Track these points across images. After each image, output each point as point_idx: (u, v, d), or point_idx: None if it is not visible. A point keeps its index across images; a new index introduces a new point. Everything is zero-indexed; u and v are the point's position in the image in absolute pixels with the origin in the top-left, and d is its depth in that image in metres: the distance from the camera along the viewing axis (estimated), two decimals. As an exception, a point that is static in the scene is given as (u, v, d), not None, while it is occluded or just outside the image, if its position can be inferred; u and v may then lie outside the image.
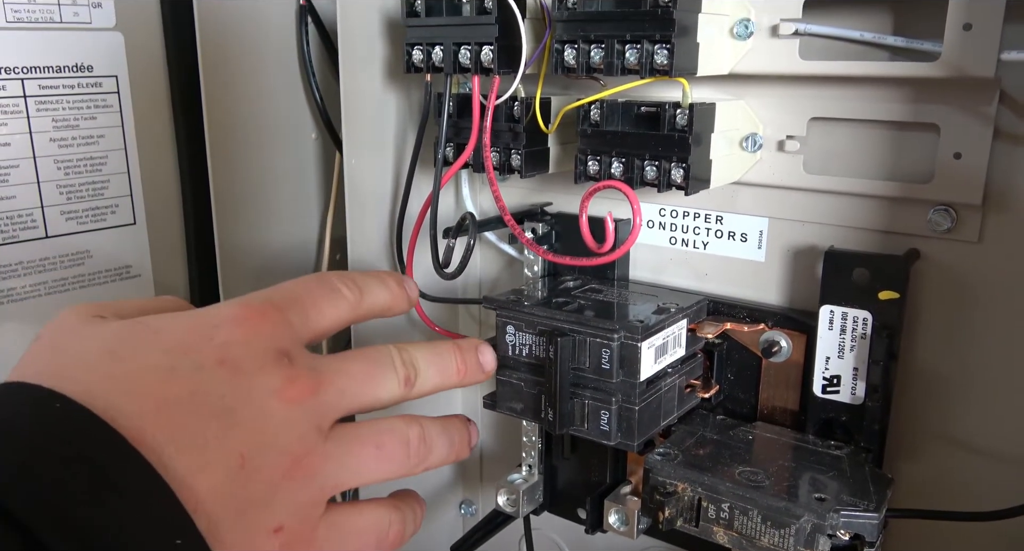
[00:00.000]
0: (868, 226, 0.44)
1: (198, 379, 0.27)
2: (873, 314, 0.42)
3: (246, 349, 0.28)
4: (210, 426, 0.26)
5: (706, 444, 0.45)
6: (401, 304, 0.38)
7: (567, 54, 0.41)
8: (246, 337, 0.28)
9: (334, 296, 0.33)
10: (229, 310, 0.29)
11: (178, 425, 0.25)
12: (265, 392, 0.27)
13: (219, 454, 0.26)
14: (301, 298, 0.32)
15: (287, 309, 0.30)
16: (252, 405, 0.27)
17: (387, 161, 0.54)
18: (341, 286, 0.34)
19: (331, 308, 0.33)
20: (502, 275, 0.60)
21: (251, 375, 0.27)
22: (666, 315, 0.44)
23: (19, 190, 0.48)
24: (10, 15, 0.46)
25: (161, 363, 0.27)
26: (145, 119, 0.53)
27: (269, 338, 0.29)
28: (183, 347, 0.27)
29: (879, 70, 0.41)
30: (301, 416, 0.28)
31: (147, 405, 0.25)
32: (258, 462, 0.27)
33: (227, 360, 0.27)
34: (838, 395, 0.44)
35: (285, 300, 0.31)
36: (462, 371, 0.37)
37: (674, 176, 0.42)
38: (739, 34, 0.43)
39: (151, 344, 0.27)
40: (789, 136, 0.45)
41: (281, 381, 0.28)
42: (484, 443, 0.65)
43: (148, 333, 0.28)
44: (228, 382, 0.27)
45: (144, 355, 0.27)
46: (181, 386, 0.26)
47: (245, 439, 0.27)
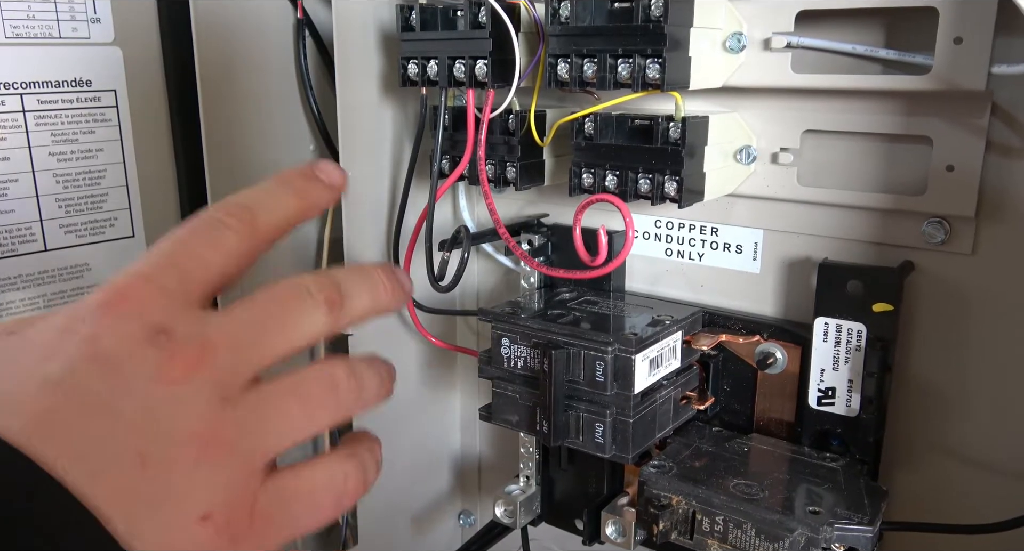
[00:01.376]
0: (862, 238, 0.44)
1: (71, 382, 0.25)
2: (867, 326, 0.42)
3: (114, 337, 0.25)
4: (95, 428, 0.24)
5: (701, 456, 0.45)
6: (319, 197, 0.32)
7: (560, 68, 0.42)
8: (112, 324, 0.25)
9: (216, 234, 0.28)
10: (95, 298, 0.26)
11: (62, 435, 0.24)
12: (144, 379, 0.25)
13: (113, 456, 0.24)
14: (172, 253, 0.27)
15: (155, 276, 0.27)
16: (134, 396, 0.25)
17: (383, 173, 0.54)
18: (224, 217, 0.29)
19: (212, 249, 0.28)
20: (499, 286, 0.60)
21: (123, 365, 0.25)
22: (661, 327, 0.44)
23: (18, 204, 0.48)
24: (9, 31, 0.47)
25: (34, 373, 0.25)
26: (143, 133, 0.53)
27: (137, 317, 0.26)
28: (53, 351, 0.25)
29: (871, 83, 0.41)
30: (193, 393, 0.26)
31: (28, 420, 0.24)
32: (159, 455, 0.25)
33: (97, 355, 0.25)
34: (833, 407, 0.44)
35: (155, 267, 0.27)
36: (388, 290, 0.31)
37: (667, 189, 0.42)
38: (731, 47, 0.43)
39: (25, 354, 0.25)
40: (783, 148, 0.45)
41: (157, 363, 0.25)
42: (482, 454, 0.65)
43: (22, 344, 0.26)
44: (102, 378, 0.25)
45: (18, 367, 0.25)
46: (56, 393, 0.24)
47: (137, 434, 0.25)
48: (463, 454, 0.65)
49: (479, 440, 0.65)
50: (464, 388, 0.64)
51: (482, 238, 0.52)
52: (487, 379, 0.47)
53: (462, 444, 0.65)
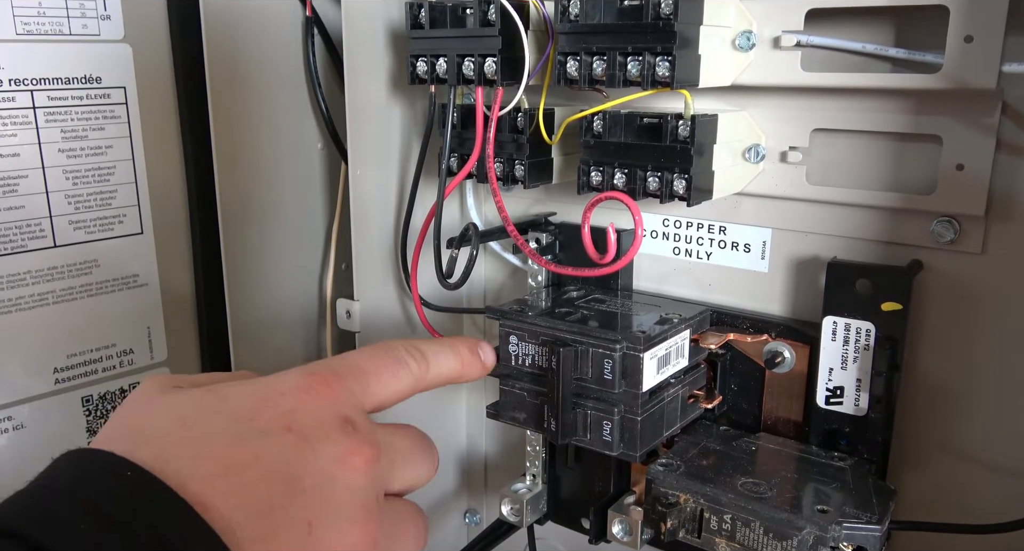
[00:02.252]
0: (871, 237, 0.44)
1: (264, 445, 0.27)
2: (876, 325, 0.42)
3: (311, 417, 0.29)
4: (276, 492, 0.26)
5: (709, 455, 0.45)
6: (473, 372, 0.38)
7: (569, 66, 0.42)
8: (311, 405, 0.29)
9: (398, 367, 0.34)
10: (294, 379, 0.30)
11: (244, 490, 0.26)
12: (330, 459, 0.28)
13: (285, 521, 0.26)
14: (364, 369, 0.32)
15: (348, 378, 0.31)
16: (317, 472, 0.28)
17: (392, 171, 0.54)
18: (407, 357, 0.35)
19: (394, 380, 0.33)
20: (506, 284, 0.60)
21: (316, 442, 0.28)
22: (669, 325, 0.44)
23: (28, 200, 0.48)
24: (20, 27, 0.47)
25: (229, 429, 0.27)
26: (153, 130, 0.53)
27: (332, 406, 0.30)
28: (250, 414, 0.28)
29: (881, 82, 0.41)
30: (365, 484, 0.29)
31: (215, 469, 0.26)
32: (325, 530, 0.27)
33: (293, 427, 0.28)
34: (841, 406, 0.44)
35: (348, 369, 0.32)
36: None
37: (676, 187, 0.42)
38: (741, 46, 0.43)
39: (219, 411, 0.28)
40: (792, 147, 0.45)
41: (345, 449, 0.29)
42: (488, 452, 0.65)
43: (217, 400, 0.29)
44: (293, 449, 0.27)
45: (212, 422, 0.28)
46: (247, 451, 0.27)
47: (311, 506, 0.27)
48: (469, 452, 0.65)
49: (485, 438, 0.65)
50: (470, 386, 0.64)
51: (490, 236, 0.52)
52: (494, 377, 0.47)
53: (468, 442, 0.65)
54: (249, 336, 0.58)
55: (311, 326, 0.62)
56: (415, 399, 0.59)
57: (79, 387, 0.53)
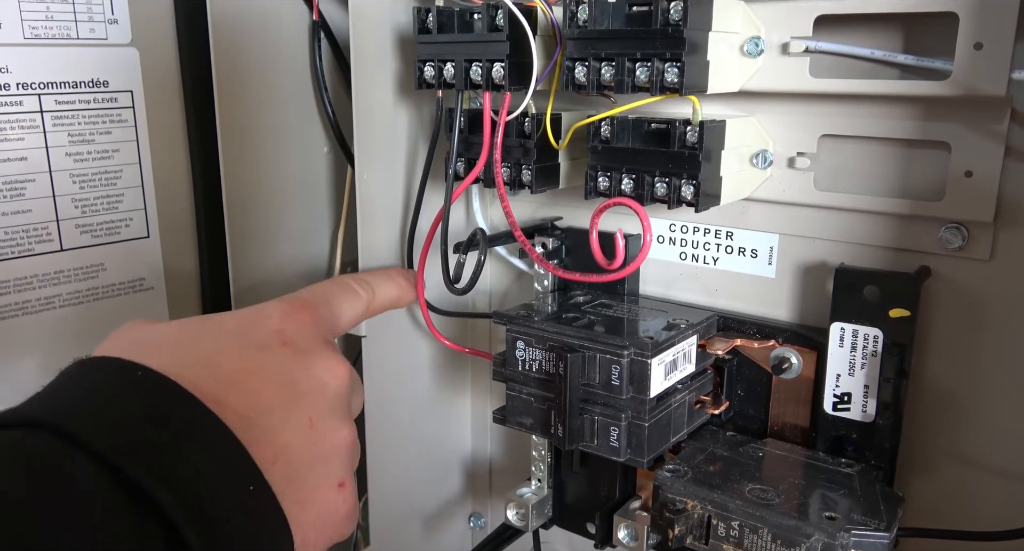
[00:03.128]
0: (879, 243, 0.44)
1: (266, 356, 0.32)
2: (884, 332, 0.42)
3: (301, 334, 0.34)
4: (280, 394, 0.31)
5: (716, 461, 0.45)
6: (408, 296, 0.45)
7: (578, 71, 0.42)
8: (298, 325, 0.34)
9: (351, 296, 0.40)
10: (277, 305, 0.35)
11: (254, 392, 0.30)
12: (322, 369, 0.33)
13: (292, 416, 0.31)
14: (327, 298, 0.38)
15: (320, 306, 0.36)
16: (312, 378, 0.32)
17: (398, 175, 0.54)
18: (357, 287, 0.41)
19: (349, 308, 0.39)
20: (512, 288, 0.60)
21: (309, 354, 0.33)
22: (676, 331, 0.44)
23: (35, 204, 0.49)
24: (28, 31, 0.47)
25: (232, 343, 0.32)
26: (159, 134, 0.53)
27: (315, 327, 0.35)
28: (246, 331, 0.33)
29: (890, 88, 0.41)
30: (346, 391, 0.34)
31: (224, 377, 0.29)
32: (322, 425, 0.32)
33: (288, 342, 0.33)
34: (849, 413, 0.44)
35: (317, 299, 0.37)
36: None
37: (684, 193, 0.42)
38: (749, 52, 0.43)
39: (218, 331, 0.33)
40: (799, 153, 0.45)
41: (333, 362, 0.33)
42: (493, 456, 0.65)
43: (213, 323, 0.33)
44: (291, 359, 0.32)
45: (213, 339, 0.32)
46: (252, 361, 0.31)
47: (310, 405, 0.32)
48: (474, 456, 0.65)
49: (490, 442, 0.65)
50: (476, 390, 0.64)
51: (497, 240, 0.52)
52: (501, 382, 0.47)
53: (473, 446, 0.65)
54: (255, 340, 0.58)
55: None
56: (420, 403, 0.60)
57: (85, 391, 0.53)
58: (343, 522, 0.33)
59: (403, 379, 0.58)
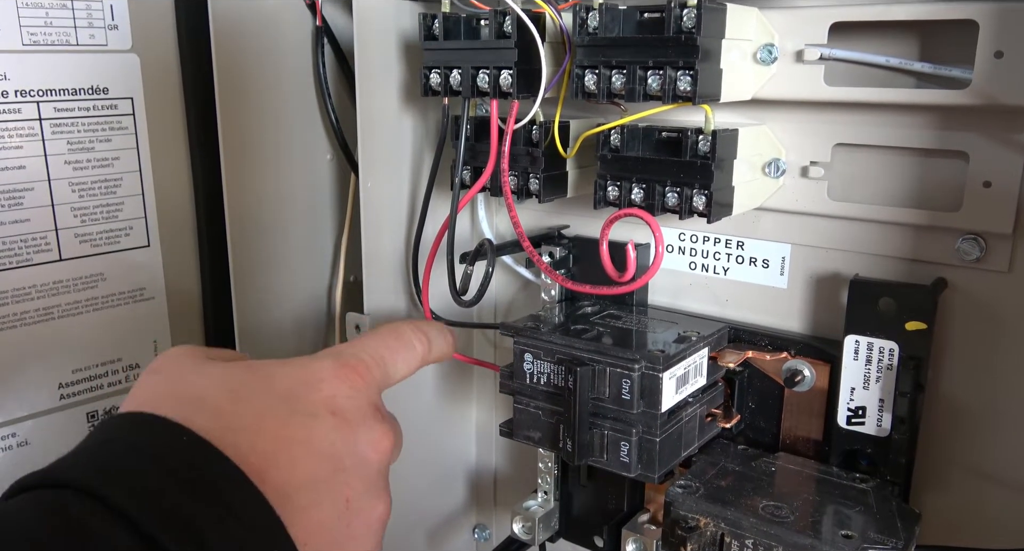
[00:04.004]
0: (894, 254, 0.43)
1: (313, 425, 0.30)
2: (900, 345, 0.41)
3: (350, 402, 0.32)
4: (323, 468, 0.30)
5: (727, 475, 0.44)
6: (451, 352, 0.44)
7: (588, 79, 0.41)
8: (349, 392, 0.32)
9: (407, 350, 0.38)
10: (330, 366, 0.33)
11: (295, 465, 0.29)
12: (366, 443, 0.32)
13: (329, 494, 0.30)
14: (383, 356, 0.36)
15: (373, 366, 0.35)
16: (356, 454, 0.31)
17: (403, 183, 0.53)
18: (415, 340, 0.39)
19: (404, 363, 0.38)
20: (518, 298, 0.59)
21: (356, 426, 0.31)
22: (687, 344, 0.43)
23: (33, 213, 0.48)
24: (27, 38, 0.46)
25: (279, 408, 0.30)
26: (160, 141, 0.52)
27: (366, 393, 0.33)
28: (296, 395, 0.31)
29: (908, 97, 0.40)
30: (387, 464, 0.33)
31: (269, 446, 0.28)
32: (358, 504, 0.31)
33: (337, 412, 0.31)
34: (863, 427, 0.43)
35: (371, 357, 0.35)
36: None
37: (696, 203, 0.41)
38: (763, 59, 0.42)
39: (267, 389, 0.31)
40: (813, 162, 0.44)
41: (379, 434, 0.32)
42: (498, 467, 0.64)
43: (263, 378, 0.31)
44: (338, 431, 0.31)
45: (263, 399, 0.30)
46: (298, 430, 0.30)
47: (350, 482, 0.30)
48: (479, 467, 0.65)
49: (495, 453, 0.64)
50: (480, 400, 0.63)
51: (504, 250, 0.51)
52: (508, 394, 0.46)
53: (477, 457, 0.64)
54: (257, 350, 0.57)
55: (319, 340, 0.61)
56: (424, 414, 0.59)
57: (84, 403, 0.52)
58: None
59: (407, 389, 0.57)
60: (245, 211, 0.54)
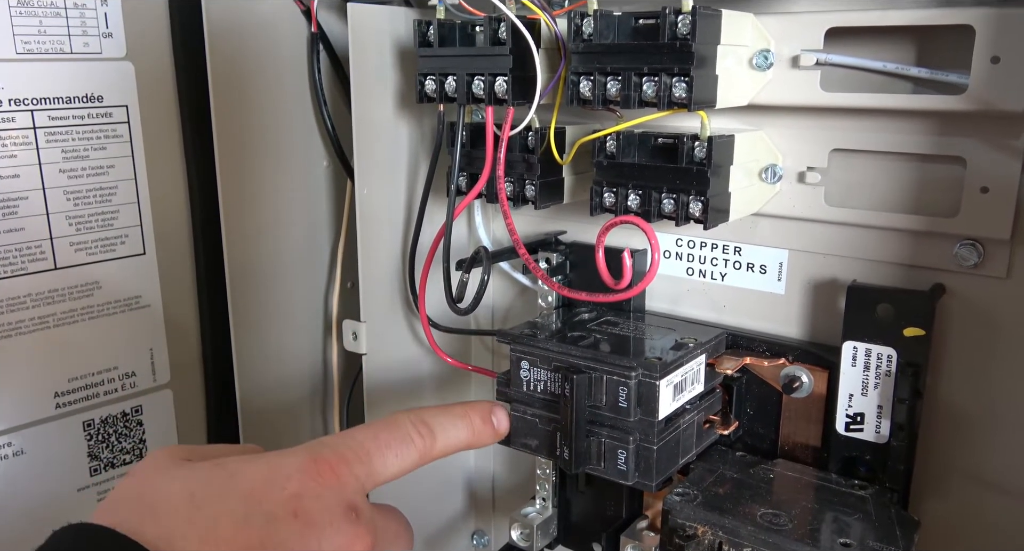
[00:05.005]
0: (891, 260, 0.43)
1: (270, 529, 0.28)
2: (898, 351, 0.41)
3: (317, 503, 0.30)
4: None
5: (725, 483, 0.44)
6: (484, 440, 0.38)
7: (583, 86, 0.41)
8: (317, 491, 0.30)
9: (403, 445, 0.34)
10: (301, 461, 0.31)
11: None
12: (333, 547, 0.29)
13: None
14: (369, 451, 0.33)
15: (354, 463, 0.32)
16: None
17: (399, 190, 0.53)
18: (414, 434, 0.35)
19: (397, 460, 0.34)
20: (515, 304, 0.59)
21: (322, 529, 0.29)
22: (684, 351, 0.43)
23: (28, 222, 0.47)
24: (20, 46, 0.46)
25: (237, 510, 0.28)
26: (155, 148, 0.52)
27: (338, 492, 0.30)
28: (257, 495, 0.29)
29: (904, 103, 0.40)
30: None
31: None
32: None
33: (299, 513, 0.29)
34: (862, 433, 0.43)
35: (353, 453, 0.32)
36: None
37: (692, 209, 0.41)
38: (758, 65, 0.42)
39: (228, 489, 0.29)
40: (810, 167, 0.44)
41: (349, 538, 0.30)
42: (497, 473, 0.64)
43: (225, 477, 0.30)
44: (299, 535, 0.29)
45: (220, 501, 0.29)
46: (254, 535, 0.28)
47: None
48: (477, 474, 0.64)
49: (493, 460, 0.64)
50: (478, 406, 0.63)
51: (500, 257, 0.51)
52: (505, 402, 0.46)
53: (476, 463, 0.64)
54: (253, 357, 0.57)
55: (316, 347, 0.61)
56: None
57: (80, 411, 0.52)
58: None
59: (404, 396, 0.57)
60: (241, 218, 0.54)
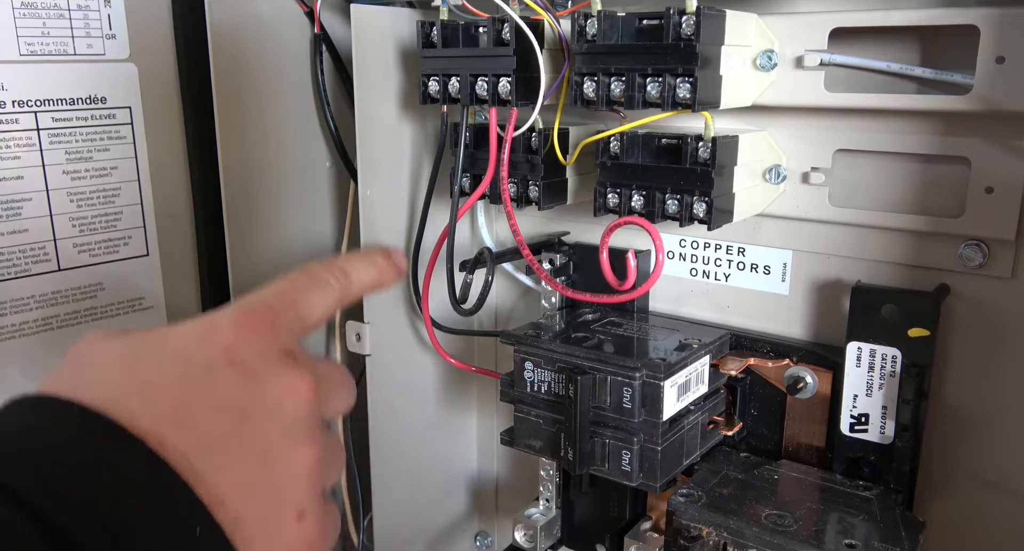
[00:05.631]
0: (896, 260, 0.43)
1: (210, 381, 0.28)
2: (903, 351, 0.41)
3: (252, 351, 0.30)
4: (227, 424, 0.28)
5: (729, 483, 0.44)
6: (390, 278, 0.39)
7: (587, 87, 0.41)
8: (250, 339, 0.30)
9: (322, 288, 0.35)
10: (230, 315, 0.31)
11: (198, 425, 0.27)
12: (277, 390, 0.29)
13: (240, 451, 0.28)
14: (293, 298, 0.33)
15: (281, 310, 0.32)
16: (265, 403, 0.29)
17: (402, 191, 0.53)
18: (328, 276, 0.36)
19: (319, 302, 0.35)
20: (518, 305, 0.59)
21: (261, 375, 0.29)
22: (689, 352, 0.43)
23: (31, 223, 0.47)
24: (24, 48, 0.46)
25: (173, 367, 0.28)
26: (158, 150, 0.52)
27: (272, 339, 0.30)
28: (192, 353, 0.29)
29: (908, 103, 0.40)
30: (310, 411, 0.30)
31: (164, 409, 0.27)
32: (278, 455, 0.29)
33: (236, 361, 0.29)
34: (866, 434, 0.43)
35: (278, 301, 0.32)
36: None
37: (696, 210, 0.41)
38: (762, 65, 0.42)
39: (161, 351, 0.29)
40: (814, 168, 0.44)
41: (290, 380, 0.30)
42: (499, 474, 0.64)
43: (158, 340, 0.29)
44: (239, 383, 0.29)
45: (155, 363, 0.28)
46: (195, 389, 0.28)
47: (263, 435, 0.28)
48: (480, 475, 0.64)
49: (496, 460, 0.64)
50: (481, 407, 0.63)
51: (503, 258, 0.51)
52: (509, 403, 0.46)
53: (479, 464, 0.64)
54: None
55: (320, 348, 0.61)
56: (425, 421, 0.58)
57: (84, 412, 0.52)
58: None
59: (408, 397, 0.57)
60: (244, 219, 0.54)
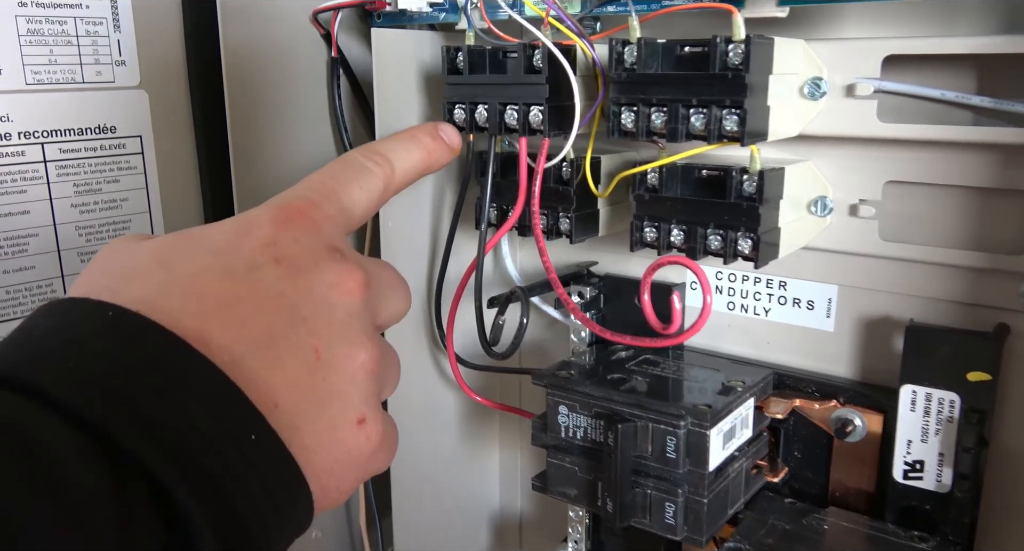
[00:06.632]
0: (950, 298, 0.41)
1: (256, 277, 0.26)
2: (961, 396, 0.39)
3: (299, 246, 0.28)
4: (275, 322, 0.26)
5: (776, 534, 0.41)
6: (441, 157, 0.37)
7: (625, 117, 0.38)
8: (293, 234, 0.28)
9: (364, 176, 0.33)
10: (267, 212, 0.29)
11: (244, 323, 0.25)
12: (326, 286, 0.27)
13: (291, 349, 0.26)
14: (333, 187, 0.31)
15: (323, 203, 0.30)
16: (315, 300, 0.27)
17: (423, 221, 0.51)
18: (368, 163, 0.33)
19: (363, 192, 0.33)
20: (545, 337, 0.56)
21: (308, 271, 0.27)
22: (734, 396, 0.41)
23: (38, 260, 0.45)
24: (30, 77, 0.44)
25: (214, 265, 0.26)
26: (170, 180, 0.50)
27: (316, 234, 0.29)
28: (232, 249, 0.27)
29: (968, 135, 0.38)
30: (362, 308, 0.28)
31: (208, 306, 0.25)
32: (330, 355, 0.27)
33: (281, 258, 0.27)
34: (921, 482, 0.41)
35: (319, 194, 0.31)
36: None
37: (742, 247, 0.38)
38: (810, 94, 0.40)
39: (199, 249, 0.27)
40: (862, 200, 0.42)
41: (339, 275, 0.28)
42: (523, 511, 0.62)
43: (193, 241, 0.28)
44: (287, 279, 0.27)
45: (195, 260, 0.27)
46: (240, 285, 0.26)
47: (315, 332, 0.27)
48: (503, 512, 0.62)
49: (520, 497, 0.61)
50: (504, 443, 0.61)
51: (532, 291, 0.49)
52: (541, 447, 0.44)
53: (502, 501, 0.62)
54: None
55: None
56: (447, 457, 0.56)
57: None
58: (370, 461, 0.28)
59: (429, 432, 0.55)
60: (259, 251, 0.52)
